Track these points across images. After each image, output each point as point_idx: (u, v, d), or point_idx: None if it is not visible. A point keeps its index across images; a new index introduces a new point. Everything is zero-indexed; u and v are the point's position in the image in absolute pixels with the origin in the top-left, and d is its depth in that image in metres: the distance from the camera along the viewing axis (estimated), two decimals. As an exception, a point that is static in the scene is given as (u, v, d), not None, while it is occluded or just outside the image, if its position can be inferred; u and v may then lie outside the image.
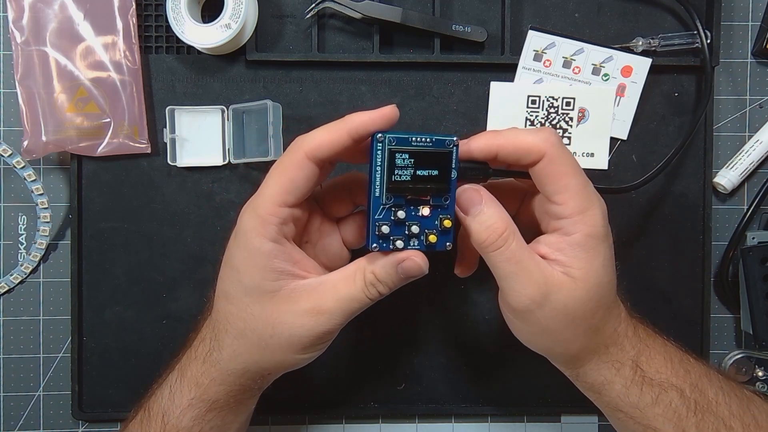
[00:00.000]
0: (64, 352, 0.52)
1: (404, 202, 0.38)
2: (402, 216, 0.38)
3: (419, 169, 0.38)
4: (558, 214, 0.38)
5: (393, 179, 0.37)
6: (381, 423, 0.53)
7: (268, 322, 0.39)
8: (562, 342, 0.40)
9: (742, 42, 0.53)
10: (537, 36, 0.51)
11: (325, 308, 0.39)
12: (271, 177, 0.38)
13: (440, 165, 0.38)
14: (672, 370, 0.41)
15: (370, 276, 0.39)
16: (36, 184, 0.50)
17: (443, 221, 0.39)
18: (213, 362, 0.41)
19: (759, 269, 0.51)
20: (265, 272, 0.38)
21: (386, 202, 0.38)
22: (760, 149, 0.52)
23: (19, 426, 0.52)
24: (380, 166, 0.38)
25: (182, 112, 0.50)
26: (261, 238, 0.38)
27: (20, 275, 0.52)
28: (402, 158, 0.37)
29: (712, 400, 0.41)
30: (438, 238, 0.39)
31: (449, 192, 0.39)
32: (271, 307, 0.38)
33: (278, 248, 0.38)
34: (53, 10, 0.49)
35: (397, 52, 0.52)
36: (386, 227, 0.38)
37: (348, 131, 0.37)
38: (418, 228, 0.38)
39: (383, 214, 0.38)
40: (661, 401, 0.40)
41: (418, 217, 0.39)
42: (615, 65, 0.51)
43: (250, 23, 0.50)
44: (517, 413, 0.53)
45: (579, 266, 0.38)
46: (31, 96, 0.50)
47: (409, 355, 0.52)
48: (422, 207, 0.38)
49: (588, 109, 0.52)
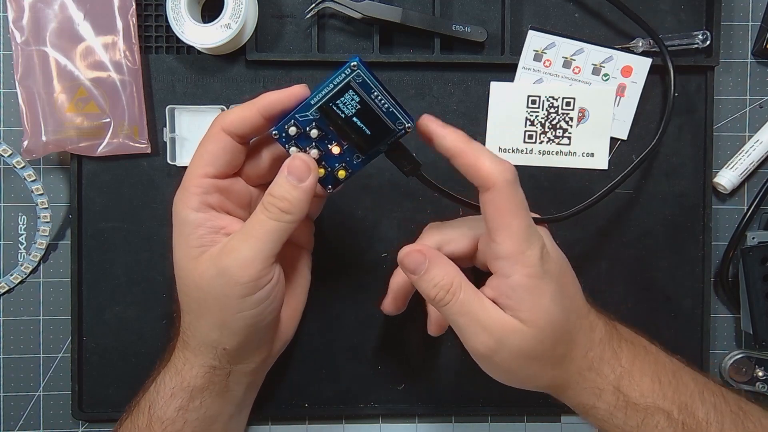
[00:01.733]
0: (64, 352, 0.52)
1: (326, 127, 0.39)
2: (313, 135, 0.39)
3: (358, 118, 0.38)
4: (496, 253, 0.38)
5: (330, 105, 0.38)
6: (381, 423, 0.53)
7: (209, 278, 0.39)
8: (530, 378, 0.41)
9: (742, 42, 0.53)
10: (537, 36, 0.51)
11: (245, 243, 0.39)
12: (195, 153, 0.41)
13: (376, 132, 0.39)
14: (659, 392, 0.41)
15: (267, 197, 0.39)
16: (36, 184, 0.50)
17: (339, 170, 0.40)
18: (184, 344, 0.43)
19: (759, 269, 0.51)
20: (194, 241, 0.40)
21: (312, 115, 0.39)
22: (760, 149, 0.52)
23: (19, 426, 0.52)
24: (331, 86, 0.38)
25: (182, 112, 0.50)
26: (186, 209, 0.40)
27: (20, 275, 0.52)
28: (352, 97, 0.38)
29: (702, 420, 0.40)
30: (325, 176, 0.40)
31: (364, 156, 0.40)
32: (206, 263, 0.40)
33: (202, 216, 0.40)
34: (53, 10, 0.49)
35: (397, 52, 0.52)
36: (294, 129, 0.39)
37: (258, 109, 0.40)
38: (317, 155, 0.40)
39: (302, 120, 0.39)
40: (647, 424, 0.40)
41: (325, 147, 0.40)
42: (615, 65, 0.51)
43: (250, 23, 0.50)
44: (517, 413, 0.53)
45: (526, 309, 0.38)
46: (31, 96, 0.50)
47: (409, 355, 0.52)
48: (335, 144, 0.40)
49: (588, 109, 0.52)
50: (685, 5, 0.52)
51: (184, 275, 0.41)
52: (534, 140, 0.52)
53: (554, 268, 0.39)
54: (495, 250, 0.38)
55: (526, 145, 0.52)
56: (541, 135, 0.52)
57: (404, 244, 0.46)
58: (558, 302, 0.39)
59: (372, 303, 0.51)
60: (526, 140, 0.52)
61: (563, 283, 0.40)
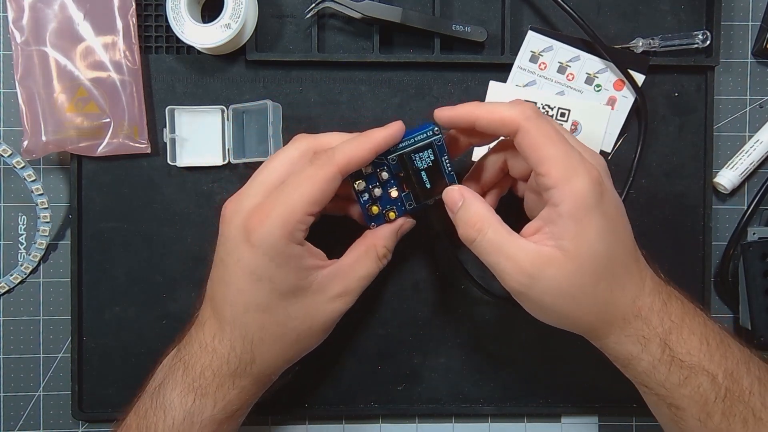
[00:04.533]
0: (64, 352, 0.52)
1: (395, 173, 0.44)
2: (384, 177, 0.44)
3: (426, 173, 0.44)
4: (544, 185, 0.39)
5: (411, 155, 0.43)
6: (381, 423, 0.53)
7: (308, 316, 0.42)
8: (568, 316, 0.40)
9: (742, 42, 0.53)
10: (536, 38, 0.51)
11: (351, 288, 0.43)
12: (302, 185, 0.40)
13: (434, 188, 0.44)
14: (707, 353, 0.40)
15: (383, 250, 0.44)
16: (36, 184, 0.50)
17: (390, 211, 0.45)
18: (245, 375, 0.42)
19: (759, 265, 0.51)
20: (299, 272, 0.41)
21: (390, 161, 0.43)
22: (760, 149, 0.52)
23: (19, 426, 0.52)
24: (413, 141, 0.43)
25: (182, 112, 0.50)
26: (292, 244, 0.40)
27: (20, 275, 0.52)
28: (428, 155, 0.43)
29: (746, 389, 0.39)
30: (376, 215, 0.45)
31: (416, 204, 0.45)
32: (308, 302, 0.42)
33: (305, 249, 0.41)
34: (53, 10, 0.49)
35: (397, 52, 0.52)
36: (369, 168, 0.44)
37: (375, 147, 0.41)
38: (379, 194, 0.44)
39: (378, 162, 0.43)
40: (689, 383, 0.39)
41: (386, 191, 0.44)
42: (608, 77, 0.51)
43: (250, 23, 0.50)
44: (517, 413, 0.53)
45: (569, 237, 0.38)
46: (31, 96, 0.50)
47: (409, 355, 0.52)
48: (395, 189, 0.44)
49: (581, 123, 0.52)
50: (685, 5, 0.52)
51: (289, 304, 0.41)
52: None
53: (606, 203, 0.39)
54: (542, 183, 0.39)
55: None
56: None
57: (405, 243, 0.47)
58: (604, 238, 0.39)
59: (372, 303, 0.51)
60: None
61: (614, 221, 0.40)
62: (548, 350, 0.53)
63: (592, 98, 0.52)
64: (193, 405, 0.41)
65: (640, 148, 0.52)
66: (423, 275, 0.52)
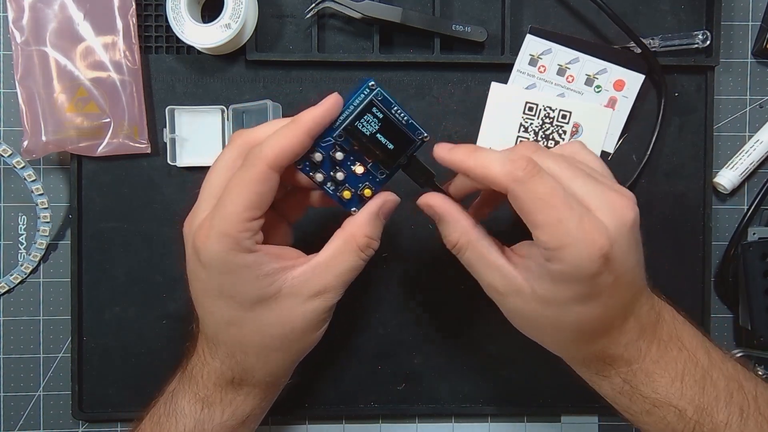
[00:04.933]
0: (64, 352, 0.52)
1: (349, 148, 0.39)
2: (339, 157, 0.39)
3: (381, 134, 0.39)
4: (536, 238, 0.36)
5: (355, 124, 0.38)
6: (381, 423, 0.53)
7: (284, 322, 0.39)
8: (533, 338, 0.41)
9: (742, 42, 0.53)
10: (534, 41, 0.51)
11: (330, 286, 0.39)
12: (233, 192, 0.36)
13: (399, 145, 0.39)
14: (678, 390, 0.38)
15: (364, 240, 0.39)
16: (36, 184, 0.50)
17: (364, 188, 0.40)
18: (244, 384, 0.42)
19: (759, 265, 0.51)
20: (259, 281, 0.38)
21: (336, 137, 0.39)
22: (760, 149, 0.52)
23: (19, 426, 0.52)
24: (353, 107, 0.39)
25: (182, 112, 0.50)
26: (240, 255, 0.37)
27: (20, 275, 0.52)
28: (375, 114, 0.38)
29: (720, 423, 0.38)
30: (351, 198, 0.40)
31: (388, 171, 0.40)
32: (280, 307, 0.39)
33: (259, 255, 0.37)
34: (53, 10, 0.49)
35: (397, 52, 0.52)
36: (319, 155, 0.39)
37: (308, 132, 0.37)
38: (343, 177, 0.40)
39: (327, 144, 0.39)
40: (654, 413, 0.39)
41: (349, 169, 0.40)
42: (608, 78, 0.51)
43: (250, 23, 0.50)
44: (517, 413, 0.53)
45: (543, 290, 0.37)
46: (31, 96, 0.50)
47: (409, 355, 0.52)
48: (358, 164, 0.40)
49: (582, 125, 0.52)
50: (685, 5, 0.52)
51: (258, 315, 0.38)
52: None
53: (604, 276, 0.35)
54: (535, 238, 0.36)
55: None
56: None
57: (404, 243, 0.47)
58: (581, 308, 0.37)
59: (372, 303, 0.51)
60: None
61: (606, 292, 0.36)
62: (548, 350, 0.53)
63: (593, 99, 0.52)
64: (202, 413, 0.41)
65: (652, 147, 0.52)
66: (423, 275, 0.52)
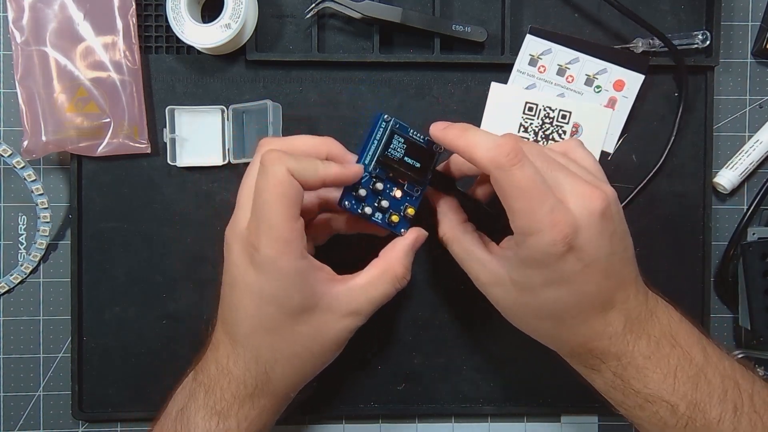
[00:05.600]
0: (64, 352, 0.52)
1: (385, 177, 0.43)
2: (380, 188, 0.43)
3: (408, 156, 0.43)
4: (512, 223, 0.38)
5: (386, 154, 0.43)
6: (381, 423, 0.53)
7: (318, 334, 0.41)
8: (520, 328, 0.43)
9: (742, 42, 0.53)
10: (534, 41, 0.51)
11: (362, 309, 0.42)
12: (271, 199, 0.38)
13: (424, 161, 0.44)
14: (671, 386, 0.39)
15: (402, 270, 0.43)
16: (36, 184, 0.50)
17: (407, 209, 0.44)
18: (263, 395, 0.42)
19: (759, 265, 0.51)
20: (305, 290, 0.40)
21: (372, 171, 0.43)
22: (760, 149, 0.52)
23: (19, 426, 0.52)
24: (378, 141, 0.43)
25: (182, 112, 0.50)
26: (293, 259, 0.39)
27: (20, 275, 0.52)
28: (398, 141, 0.43)
29: (713, 419, 0.39)
30: (399, 221, 0.44)
31: (422, 186, 0.44)
32: (317, 320, 0.41)
33: (309, 262, 0.40)
34: (53, 10, 0.49)
35: (397, 52, 0.52)
36: (363, 191, 0.43)
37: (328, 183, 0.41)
38: (388, 205, 0.44)
39: (365, 180, 0.43)
40: (646, 408, 0.40)
41: (391, 195, 0.44)
42: (608, 78, 0.51)
43: (250, 23, 0.50)
44: (517, 413, 0.53)
45: (517, 277, 0.40)
46: (31, 96, 0.50)
47: (409, 355, 0.52)
48: (396, 189, 0.44)
49: (582, 125, 0.52)
50: (685, 5, 0.52)
51: (297, 323, 0.40)
52: None
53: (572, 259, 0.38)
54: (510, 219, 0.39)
55: None
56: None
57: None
58: (554, 290, 0.39)
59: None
60: None
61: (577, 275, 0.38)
62: (548, 350, 0.52)
63: (593, 99, 0.52)
64: (217, 427, 0.41)
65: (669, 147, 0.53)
66: (423, 275, 0.52)
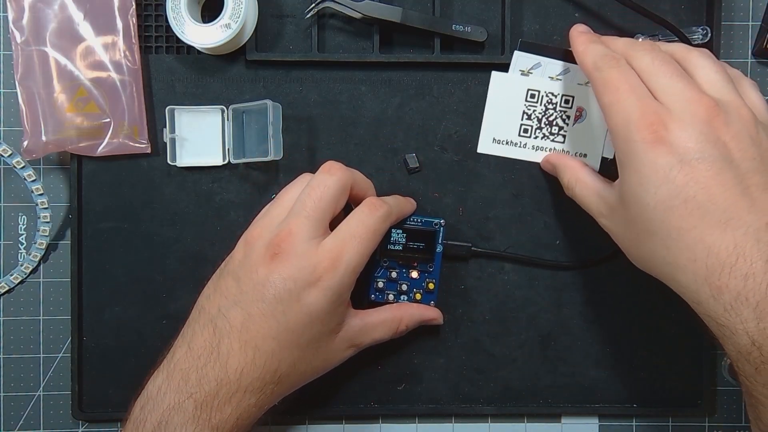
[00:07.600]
0: (64, 352, 0.52)
1: (397, 265, 0.49)
2: (395, 276, 0.49)
3: (410, 242, 0.48)
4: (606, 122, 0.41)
5: (387, 248, 0.48)
6: (381, 423, 0.53)
7: (329, 356, 0.45)
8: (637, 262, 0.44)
9: (742, 42, 0.53)
10: (523, 56, 0.51)
11: (363, 344, 0.47)
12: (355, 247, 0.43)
13: (426, 240, 0.49)
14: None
15: (403, 327, 0.48)
16: (36, 184, 0.50)
17: (428, 284, 0.49)
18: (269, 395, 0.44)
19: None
20: (341, 316, 0.45)
21: (383, 263, 0.49)
22: (760, 149, 0.52)
23: (19, 426, 0.52)
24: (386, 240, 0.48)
25: (182, 112, 0.50)
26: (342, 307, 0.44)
27: (20, 275, 0.52)
28: (397, 233, 0.48)
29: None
30: (423, 297, 0.50)
31: (433, 261, 0.49)
32: (332, 344, 0.45)
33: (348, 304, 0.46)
34: (53, 10, 0.49)
35: (397, 52, 0.52)
36: (381, 282, 0.49)
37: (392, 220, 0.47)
38: (407, 287, 0.49)
39: (381, 272, 0.49)
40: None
41: (408, 278, 0.49)
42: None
43: (250, 23, 0.50)
44: (517, 413, 0.53)
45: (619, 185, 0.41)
46: (31, 96, 0.50)
47: (409, 355, 0.52)
48: (411, 271, 0.49)
49: (586, 110, 0.52)
50: (685, 4, 0.52)
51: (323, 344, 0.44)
52: (529, 134, 0.52)
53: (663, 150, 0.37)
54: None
55: (521, 138, 0.52)
56: (537, 130, 0.52)
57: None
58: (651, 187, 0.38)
59: (371, 303, 0.50)
60: (521, 133, 0.52)
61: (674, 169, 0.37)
62: (548, 350, 0.53)
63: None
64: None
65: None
66: (423, 275, 0.52)
